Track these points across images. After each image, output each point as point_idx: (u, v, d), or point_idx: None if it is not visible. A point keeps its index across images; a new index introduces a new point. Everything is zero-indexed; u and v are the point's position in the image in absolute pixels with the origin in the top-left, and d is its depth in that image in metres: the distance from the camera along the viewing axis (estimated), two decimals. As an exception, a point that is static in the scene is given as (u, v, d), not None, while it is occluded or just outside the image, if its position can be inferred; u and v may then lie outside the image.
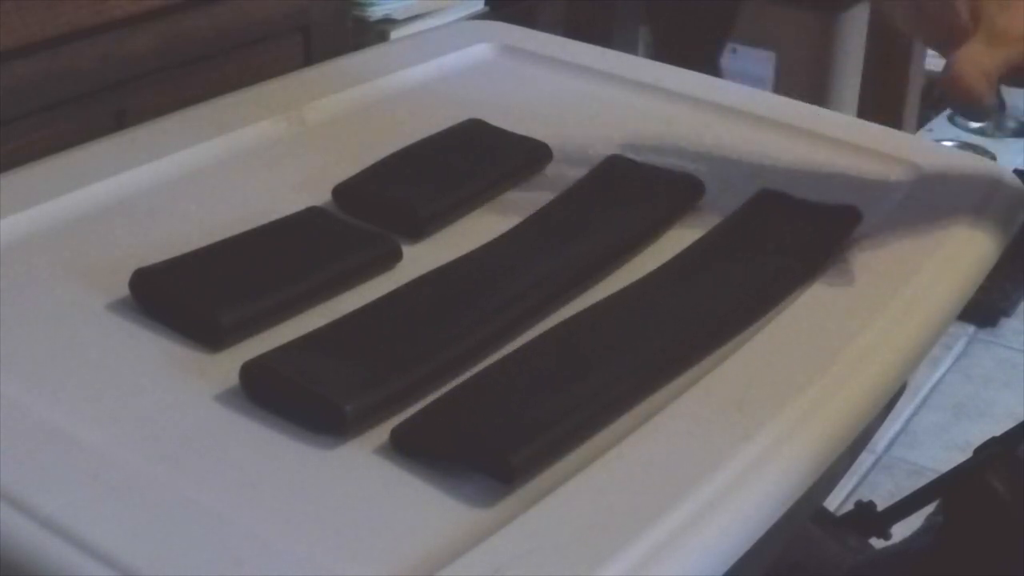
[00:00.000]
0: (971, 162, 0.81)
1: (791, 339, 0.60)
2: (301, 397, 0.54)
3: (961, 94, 0.63)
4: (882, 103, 2.02)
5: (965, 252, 0.68)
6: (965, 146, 2.26)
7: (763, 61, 2.14)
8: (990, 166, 0.78)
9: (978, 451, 0.87)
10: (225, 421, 0.54)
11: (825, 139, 0.80)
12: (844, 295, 0.64)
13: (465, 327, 0.59)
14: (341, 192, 0.71)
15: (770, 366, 0.58)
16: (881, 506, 1.05)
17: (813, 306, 0.63)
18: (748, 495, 0.51)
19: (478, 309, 0.60)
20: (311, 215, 0.68)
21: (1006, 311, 2.11)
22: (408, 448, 0.52)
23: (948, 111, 2.41)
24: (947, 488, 0.92)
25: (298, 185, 0.73)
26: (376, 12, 1.42)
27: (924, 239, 0.68)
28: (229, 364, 0.56)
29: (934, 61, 2.01)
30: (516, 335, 0.60)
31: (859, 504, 1.05)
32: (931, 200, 0.72)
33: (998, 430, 0.88)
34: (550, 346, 0.58)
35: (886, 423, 1.18)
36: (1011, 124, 2.40)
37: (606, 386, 0.55)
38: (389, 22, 1.44)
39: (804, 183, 0.74)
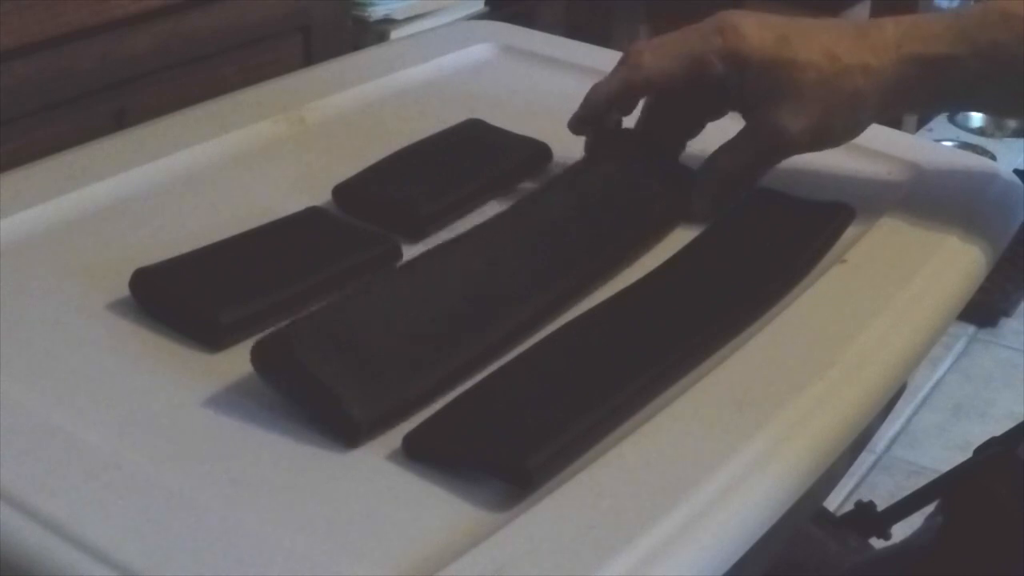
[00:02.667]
0: (971, 162, 0.81)
1: (791, 339, 0.60)
2: (316, 398, 0.54)
3: None
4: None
5: (965, 252, 0.68)
6: (965, 146, 2.26)
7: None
8: (990, 166, 0.78)
9: (978, 451, 0.87)
10: (225, 421, 0.54)
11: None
12: (844, 295, 0.64)
13: (471, 331, 0.59)
14: (341, 192, 0.71)
15: (770, 366, 0.58)
16: (881, 506, 1.05)
17: (813, 306, 0.63)
18: (748, 495, 0.51)
19: (480, 310, 0.60)
20: (311, 215, 0.68)
21: (1006, 311, 2.11)
22: (421, 455, 0.52)
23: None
24: (947, 488, 0.92)
25: (298, 185, 0.73)
26: (376, 12, 1.42)
27: (924, 239, 0.69)
28: (229, 364, 0.56)
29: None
30: (517, 336, 0.60)
31: (859, 504, 1.05)
32: (931, 200, 0.72)
33: (998, 430, 0.88)
34: (555, 349, 0.58)
35: (886, 423, 1.18)
36: (1011, 124, 2.40)
37: (616, 387, 0.55)
38: (389, 22, 1.44)
39: (804, 183, 0.73)
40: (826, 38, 0.66)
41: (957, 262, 0.67)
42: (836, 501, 1.55)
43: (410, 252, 0.66)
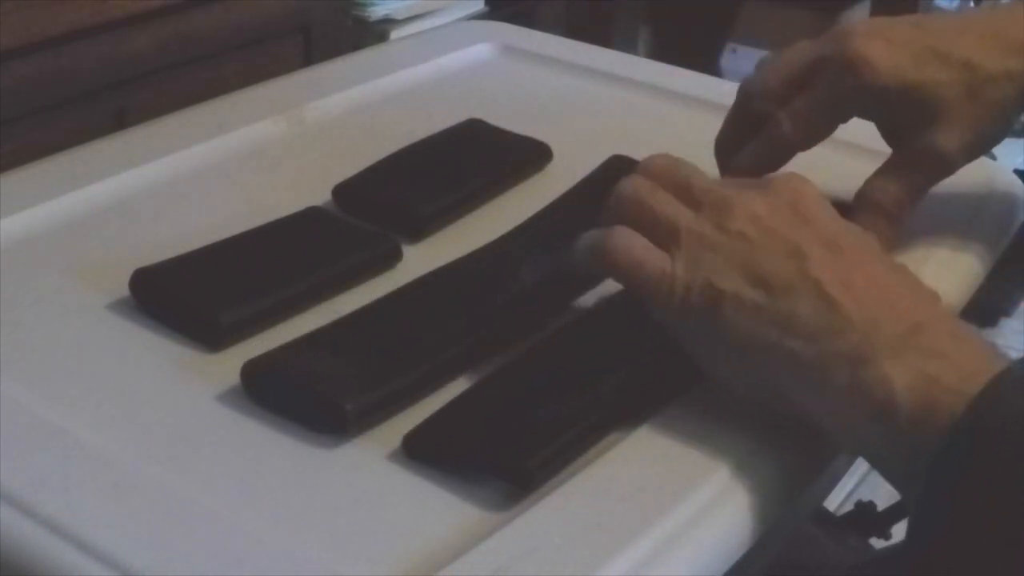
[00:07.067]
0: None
1: (791, 339, 0.60)
2: (302, 396, 0.54)
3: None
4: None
5: (965, 252, 0.68)
6: (965, 146, 2.26)
7: (763, 61, 2.13)
8: (990, 166, 0.78)
9: (978, 451, 0.86)
10: (225, 421, 0.54)
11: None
12: (844, 295, 0.64)
13: (465, 327, 0.59)
14: (341, 192, 0.71)
15: (770, 366, 0.58)
16: (881, 506, 1.05)
17: (813, 306, 0.63)
18: (748, 495, 0.51)
19: (478, 309, 0.60)
20: (311, 215, 0.68)
21: (1006, 311, 2.11)
22: (421, 455, 0.52)
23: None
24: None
25: (298, 185, 0.73)
26: (376, 12, 1.42)
27: (924, 239, 0.68)
28: (229, 364, 0.56)
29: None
30: (516, 335, 0.60)
31: (859, 504, 1.05)
32: (931, 200, 0.72)
33: (998, 430, 0.87)
34: (555, 349, 0.58)
35: (886, 423, 1.17)
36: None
37: (615, 388, 0.55)
38: (389, 22, 1.44)
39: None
40: (963, 45, 0.63)
41: (957, 262, 0.67)
42: (836, 501, 1.54)
43: (410, 252, 0.66)
